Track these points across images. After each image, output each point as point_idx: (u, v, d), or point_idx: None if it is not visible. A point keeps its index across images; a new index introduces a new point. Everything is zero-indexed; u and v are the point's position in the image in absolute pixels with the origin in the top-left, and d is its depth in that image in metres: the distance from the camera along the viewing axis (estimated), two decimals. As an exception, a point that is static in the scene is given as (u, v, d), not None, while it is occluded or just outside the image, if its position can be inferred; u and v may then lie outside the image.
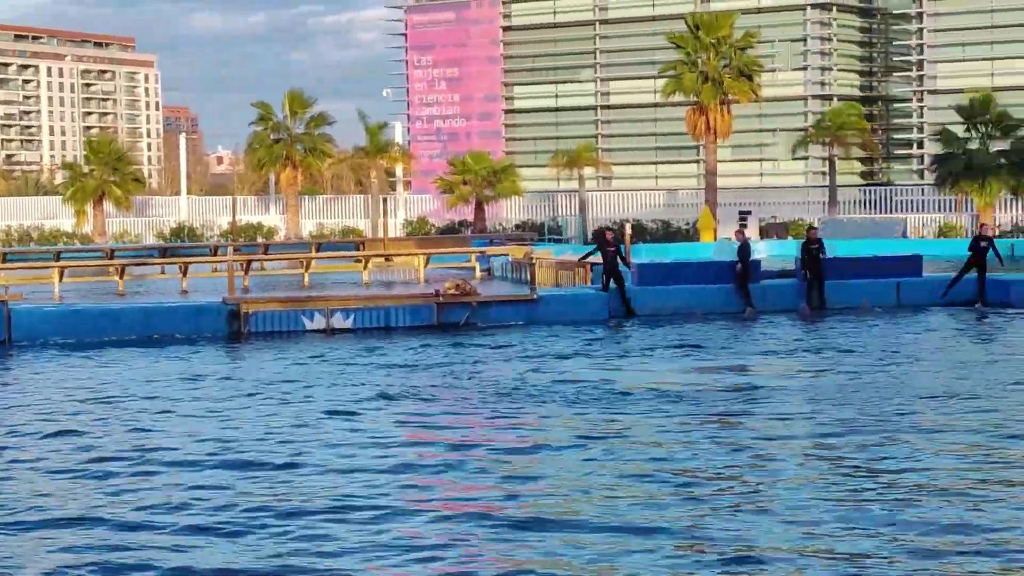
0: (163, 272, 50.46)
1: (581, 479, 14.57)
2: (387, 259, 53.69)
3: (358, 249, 55.74)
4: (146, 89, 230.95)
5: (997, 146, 59.25)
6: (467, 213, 73.17)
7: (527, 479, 14.63)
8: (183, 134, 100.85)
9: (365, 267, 48.35)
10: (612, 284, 33.50)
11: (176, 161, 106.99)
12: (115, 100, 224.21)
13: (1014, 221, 62.41)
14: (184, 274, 46.31)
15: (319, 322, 31.00)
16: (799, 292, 34.37)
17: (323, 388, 21.62)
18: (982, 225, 38.75)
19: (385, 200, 74.55)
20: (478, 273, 47.54)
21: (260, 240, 70.67)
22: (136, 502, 13.69)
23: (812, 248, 34.37)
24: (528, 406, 19.77)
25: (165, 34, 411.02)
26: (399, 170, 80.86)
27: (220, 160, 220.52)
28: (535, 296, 33.22)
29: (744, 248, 34.51)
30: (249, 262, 48.07)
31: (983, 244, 34.69)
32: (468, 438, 17.41)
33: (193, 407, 19.95)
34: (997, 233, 59.61)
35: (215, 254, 53.53)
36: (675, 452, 15.89)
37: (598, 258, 34.71)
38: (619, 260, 33.81)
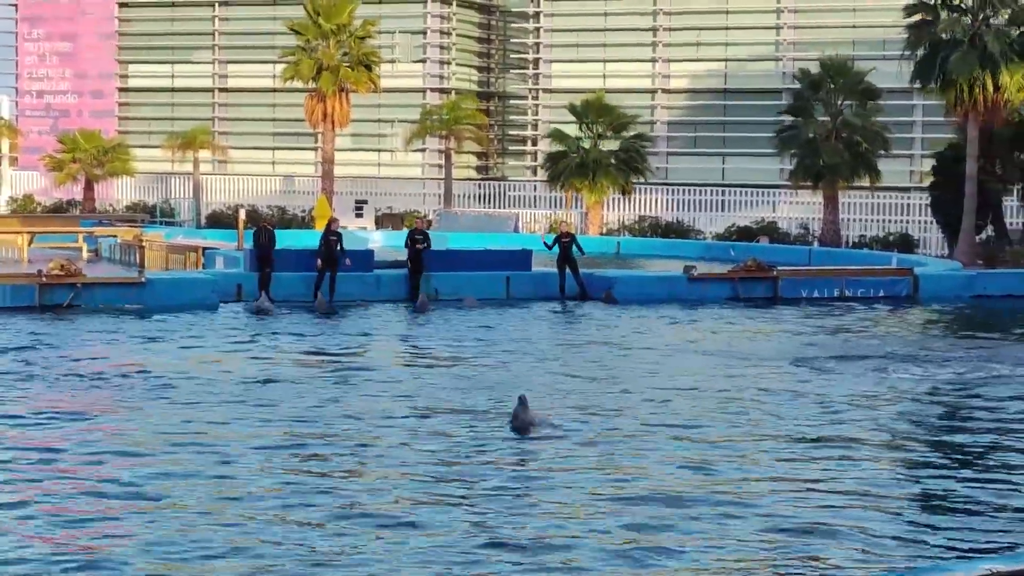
0: None
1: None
2: (-12, 237, 51.55)
3: (-43, 225, 53.38)
4: None
5: (608, 146, 60.92)
6: (76, 192, 70.97)
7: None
8: None
9: (-36, 245, 46.36)
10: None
11: None
12: None
13: (620, 220, 64.33)
14: None
15: (-90, 300, 29.55)
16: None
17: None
18: (561, 223, 40.24)
19: (-11, 176, 71.67)
20: (85, 254, 46.13)
21: None
22: None
23: (416, 239, 34.65)
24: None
25: None
26: (5, 146, 77.74)
27: None
28: (143, 279, 32.44)
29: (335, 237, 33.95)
30: None
31: (565, 241, 35.92)
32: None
33: None
34: (604, 231, 61.47)
35: None
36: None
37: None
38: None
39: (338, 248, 33.31)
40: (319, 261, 33.13)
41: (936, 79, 49.87)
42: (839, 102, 56.04)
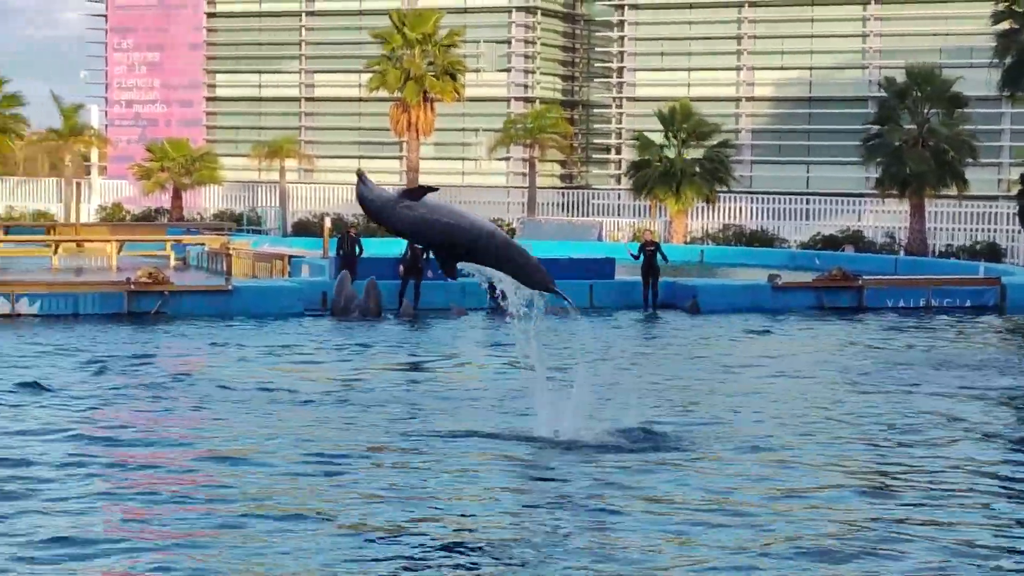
0: None
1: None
2: (79, 245, 52.26)
3: (48, 233, 54.14)
4: None
5: (692, 155, 60.77)
6: (164, 201, 71.78)
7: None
8: None
9: (55, 252, 46.95)
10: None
11: None
12: None
13: (704, 228, 64.21)
14: None
15: (3, 307, 30.02)
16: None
17: None
18: (645, 232, 40.32)
19: (79, 184, 72.63)
20: (173, 262, 46.63)
21: (-55, 221, 67.87)
22: None
23: None
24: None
25: None
26: (95, 155, 78.82)
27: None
28: (230, 287, 32.77)
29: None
30: (-68, 243, 46.23)
31: (650, 249, 35.78)
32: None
33: None
34: (688, 239, 61.33)
35: None
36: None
37: None
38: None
39: (424, 256, 33.47)
40: (401, 268, 33.45)
41: (1025, 87, 49.50)
42: (926, 110, 55.65)
